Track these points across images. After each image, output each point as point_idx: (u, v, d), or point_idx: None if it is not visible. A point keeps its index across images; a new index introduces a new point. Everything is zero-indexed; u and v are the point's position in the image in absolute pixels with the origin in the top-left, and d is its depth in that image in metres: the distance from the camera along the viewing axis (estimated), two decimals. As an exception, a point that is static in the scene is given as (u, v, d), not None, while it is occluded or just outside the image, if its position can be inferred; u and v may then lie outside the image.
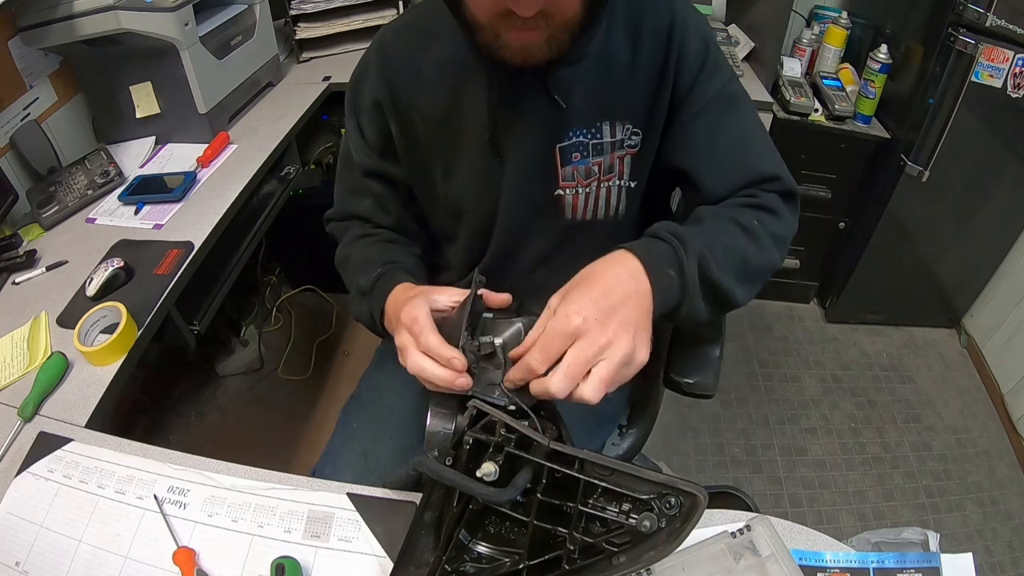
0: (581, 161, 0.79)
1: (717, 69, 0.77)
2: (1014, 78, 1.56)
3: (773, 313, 2.25)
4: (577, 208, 0.83)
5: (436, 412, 0.66)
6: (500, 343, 0.64)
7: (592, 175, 0.81)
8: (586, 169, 0.80)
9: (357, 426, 0.93)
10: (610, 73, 0.76)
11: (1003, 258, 2.00)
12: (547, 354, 0.57)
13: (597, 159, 0.80)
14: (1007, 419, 1.91)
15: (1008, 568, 1.59)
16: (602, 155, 0.80)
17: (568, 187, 0.81)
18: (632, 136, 0.79)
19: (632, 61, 0.76)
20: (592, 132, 0.78)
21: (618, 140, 0.79)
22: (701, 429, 1.87)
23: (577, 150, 0.79)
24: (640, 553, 0.55)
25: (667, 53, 0.75)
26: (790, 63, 1.86)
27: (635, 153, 0.81)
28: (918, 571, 0.64)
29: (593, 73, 0.76)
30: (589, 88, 0.76)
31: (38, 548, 0.68)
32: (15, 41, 1.22)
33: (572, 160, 0.79)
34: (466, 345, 0.63)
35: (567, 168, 0.79)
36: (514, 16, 0.61)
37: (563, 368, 0.56)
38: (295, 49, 1.78)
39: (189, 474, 0.74)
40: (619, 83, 0.77)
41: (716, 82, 0.77)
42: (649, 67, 0.76)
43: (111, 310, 0.93)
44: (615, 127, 0.78)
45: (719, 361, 0.95)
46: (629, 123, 0.79)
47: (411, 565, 0.60)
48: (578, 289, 0.61)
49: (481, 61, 0.74)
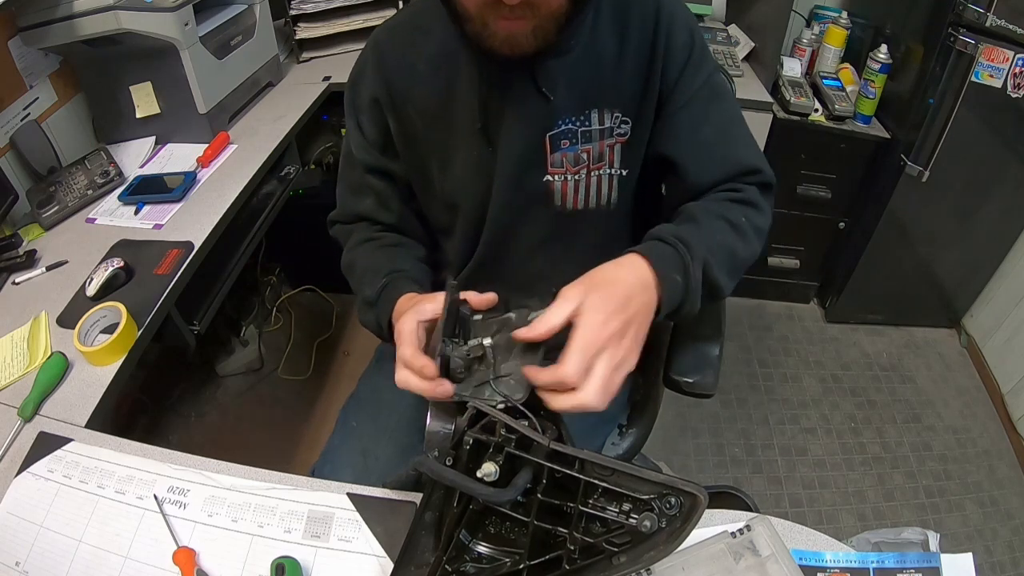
0: (570, 148, 0.80)
1: (703, 61, 0.79)
2: (1014, 78, 1.56)
3: (773, 313, 2.25)
4: (567, 196, 0.83)
5: (436, 412, 0.66)
6: (489, 344, 0.64)
7: (581, 162, 0.81)
8: (575, 156, 0.81)
9: (357, 425, 0.93)
10: (597, 64, 0.77)
11: (1003, 258, 2.00)
12: (587, 366, 0.58)
13: (586, 146, 0.80)
14: (1007, 419, 1.91)
15: (1008, 568, 1.59)
16: (591, 142, 0.80)
17: (557, 173, 0.81)
18: (621, 124, 0.80)
19: (619, 52, 0.77)
20: (580, 120, 0.79)
21: (607, 128, 0.80)
22: (701, 429, 1.87)
23: (566, 137, 0.79)
24: (640, 553, 0.55)
25: (653, 45, 0.77)
26: (790, 63, 1.87)
27: (625, 141, 0.81)
28: (918, 571, 0.64)
29: (580, 64, 0.77)
30: (576, 79, 0.77)
31: (38, 548, 0.68)
32: (15, 41, 1.22)
33: (561, 147, 0.80)
34: (454, 351, 0.63)
35: (556, 155, 0.80)
36: (501, 5, 0.62)
37: (600, 382, 0.59)
38: (295, 49, 1.78)
39: (189, 474, 0.74)
40: (607, 74, 0.78)
41: (702, 74, 0.79)
42: (636, 58, 0.78)
43: (111, 310, 0.93)
44: (603, 115, 0.79)
45: (719, 360, 0.95)
46: (618, 111, 0.79)
47: (411, 565, 0.60)
48: (599, 295, 0.61)
49: (471, 52, 0.75)
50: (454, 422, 0.64)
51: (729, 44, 1.87)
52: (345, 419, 0.95)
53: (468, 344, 0.65)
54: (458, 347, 0.64)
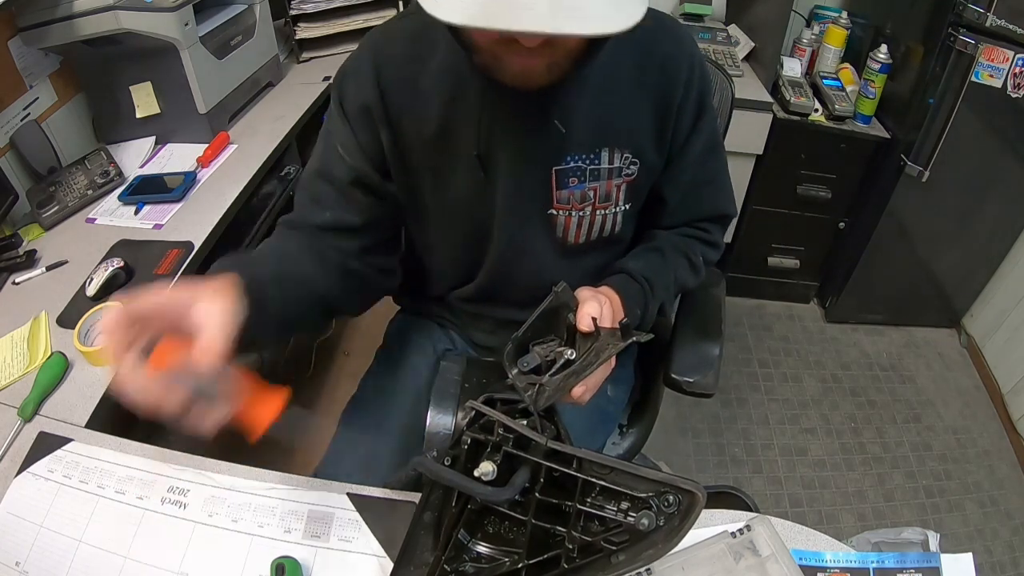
0: (577, 186, 0.79)
1: (710, 112, 0.83)
2: (1014, 78, 1.56)
3: (773, 313, 2.25)
4: (570, 229, 0.83)
5: (436, 412, 0.66)
6: (572, 355, 0.65)
7: (587, 200, 0.81)
8: (581, 194, 0.80)
9: (358, 429, 0.93)
10: (611, 97, 0.76)
11: (1003, 258, 2.00)
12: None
13: (593, 184, 0.80)
14: (1007, 419, 1.91)
15: (1008, 568, 1.59)
16: (598, 181, 0.80)
17: (562, 209, 0.81)
18: (631, 165, 0.80)
19: (636, 90, 0.76)
20: (590, 158, 0.78)
21: (616, 168, 0.79)
22: (701, 429, 1.87)
23: (574, 175, 0.78)
24: (639, 551, 0.55)
25: (672, 94, 0.77)
26: (790, 63, 1.86)
27: (631, 181, 0.81)
28: (918, 571, 0.64)
29: (593, 97, 0.75)
30: (588, 112, 0.75)
31: (38, 548, 0.68)
32: (15, 41, 1.22)
33: (568, 184, 0.79)
34: (537, 345, 0.65)
35: (563, 192, 0.79)
36: (516, 43, 0.59)
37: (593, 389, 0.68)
38: (295, 49, 1.78)
39: (189, 474, 0.74)
40: (621, 111, 0.77)
41: (709, 126, 0.83)
42: (653, 98, 0.77)
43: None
44: (613, 154, 0.78)
45: (719, 360, 0.95)
46: (628, 152, 0.79)
47: (411, 565, 0.60)
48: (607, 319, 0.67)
49: (477, 76, 0.71)
50: (454, 423, 0.64)
51: (729, 44, 1.87)
52: (346, 423, 0.95)
53: (556, 349, 0.64)
54: (548, 344, 0.64)
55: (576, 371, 0.61)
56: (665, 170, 0.84)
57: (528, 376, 0.62)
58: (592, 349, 0.63)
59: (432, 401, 0.67)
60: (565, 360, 0.63)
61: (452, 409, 0.66)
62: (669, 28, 0.78)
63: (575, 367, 0.62)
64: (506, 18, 0.49)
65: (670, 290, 0.86)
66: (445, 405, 0.66)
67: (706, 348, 0.96)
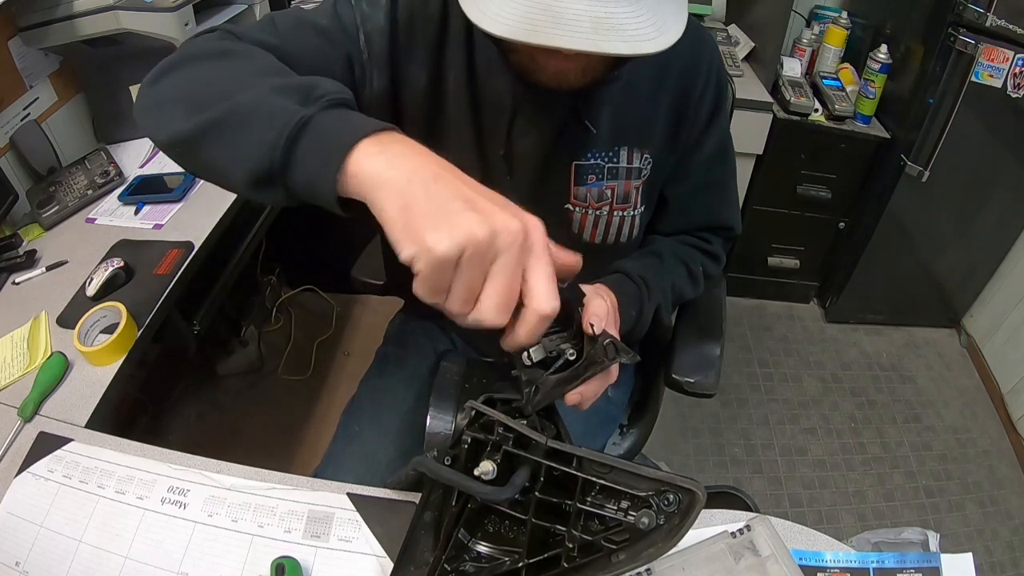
0: (595, 183, 0.79)
1: (724, 116, 0.82)
2: (1014, 78, 1.56)
3: (773, 313, 2.25)
4: (585, 227, 0.83)
5: (436, 413, 0.66)
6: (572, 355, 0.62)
7: (604, 199, 0.81)
8: (599, 192, 0.80)
9: (358, 429, 0.93)
10: (632, 96, 0.76)
11: (1003, 258, 2.00)
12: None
13: (611, 183, 0.80)
14: (1007, 419, 1.91)
15: (1008, 568, 1.59)
16: (616, 180, 0.80)
17: (578, 205, 0.81)
18: (648, 165, 0.80)
19: (657, 86, 0.76)
20: (609, 156, 0.78)
21: (635, 168, 0.79)
22: (701, 429, 1.87)
23: (593, 172, 0.78)
24: (639, 550, 0.55)
25: (690, 91, 0.77)
26: (790, 63, 1.87)
27: (646, 182, 0.82)
28: (918, 571, 0.64)
29: (619, 95, 0.75)
30: (612, 109, 0.76)
31: (38, 548, 0.68)
32: (15, 41, 1.22)
33: (587, 181, 0.79)
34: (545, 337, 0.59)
35: (580, 188, 0.79)
36: (557, 52, 0.58)
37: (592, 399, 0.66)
38: (295, 49, 1.78)
39: (189, 474, 0.74)
40: (641, 109, 0.77)
41: (720, 130, 0.82)
42: (672, 99, 0.77)
43: (111, 310, 0.93)
44: (632, 154, 0.79)
45: (719, 360, 0.95)
46: (647, 152, 0.79)
47: (411, 565, 0.60)
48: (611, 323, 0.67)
49: (510, 74, 0.69)
50: (454, 423, 0.64)
51: (729, 44, 1.87)
52: (346, 424, 0.95)
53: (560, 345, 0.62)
54: (556, 336, 0.61)
55: (567, 379, 0.61)
56: (672, 169, 0.83)
57: (532, 371, 0.62)
58: (588, 356, 0.63)
59: (432, 401, 0.66)
60: (564, 360, 0.63)
61: (452, 409, 0.66)
62: (693, 28, 0.77)
63: (567, 374, 0.62)
64: (550, 34, 0.51)
65: (667, 295, 0.85)
66: (445, 405, 0.66)
67: (707, 348, 0.96)
